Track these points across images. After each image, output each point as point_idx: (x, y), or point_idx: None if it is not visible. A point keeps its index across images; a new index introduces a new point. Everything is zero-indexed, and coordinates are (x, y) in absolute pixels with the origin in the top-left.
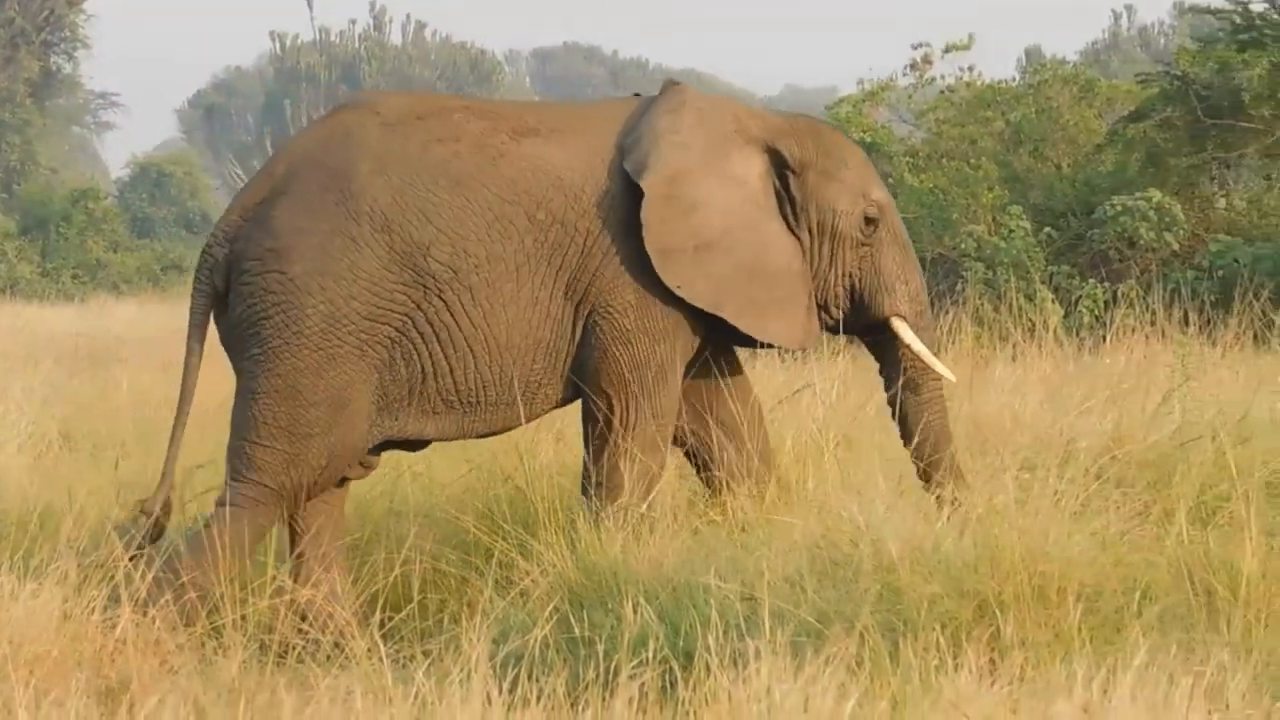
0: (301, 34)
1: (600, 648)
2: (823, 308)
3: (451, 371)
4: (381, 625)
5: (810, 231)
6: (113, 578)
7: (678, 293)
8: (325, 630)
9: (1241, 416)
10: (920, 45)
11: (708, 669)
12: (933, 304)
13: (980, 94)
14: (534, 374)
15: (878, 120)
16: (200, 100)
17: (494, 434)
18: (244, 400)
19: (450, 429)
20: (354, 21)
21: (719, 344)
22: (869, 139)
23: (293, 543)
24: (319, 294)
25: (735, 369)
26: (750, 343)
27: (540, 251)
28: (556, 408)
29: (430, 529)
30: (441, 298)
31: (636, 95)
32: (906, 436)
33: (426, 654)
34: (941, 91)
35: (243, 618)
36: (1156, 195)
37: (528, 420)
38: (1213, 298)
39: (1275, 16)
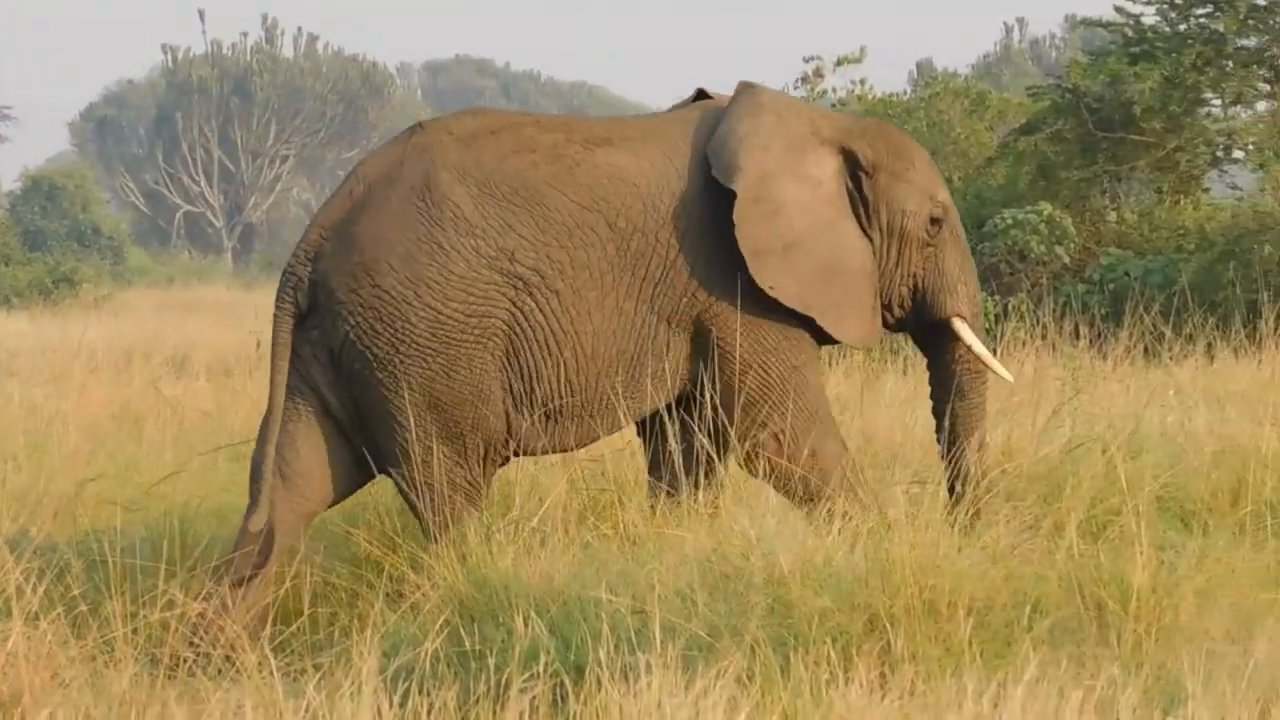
0: (194, 47)
1: (491, 661)
2: (886, 307)
3: (548, 376)
4: (272, 639)
5: (880, 231)
6: (3, 591)
7: (770, 293)
8: (216, 644)
9: (1132, 430)
10: (812, 58)
11: (598, 683)
12: None
13: (871, 107)
14: (616, 386)
15: None
16: (92, 113)
17: (575, 448)
18: (393, 423)
19: (545, 440)
20: (246, 34)
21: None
22: None
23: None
24: (416, 302)
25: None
26: (822, 339)
27: (623, 260)
28: (634, 423)
29: (321, 542)
30: (533, 299)
31: (701, 94)
32: (949, 443)
33: (317, 667)
34: (833, 104)
35: (134, 631)
36: (1047, 208)
37: (605, 435)
38: (1103, 311)
39: (1166, 30)
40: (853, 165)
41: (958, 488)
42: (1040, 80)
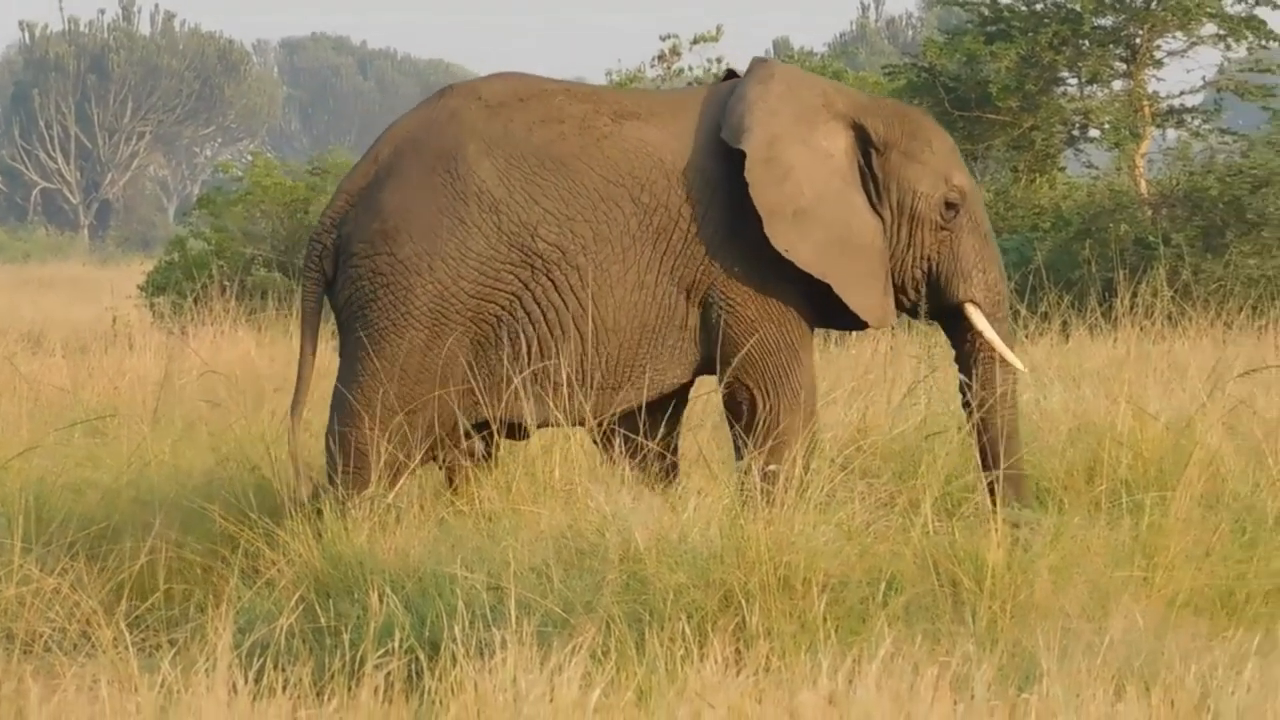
0: (51, 24)
1: (346, 637)
2: (900, 289)
3: (558, 354)
4: (128, 614)
5: (891, 210)
6: None
7: (786, 255)
8: (71, 619)
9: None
10: (668, 37)
11: (454, 659)
12: None
13: None
14: (638, 359)
15: None
16: None
17: (599, 418)
18: (350, 382)
19: (552, 414)
20: (103, 11)
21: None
22: None
23: None
24: (428, 274)
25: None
26: (837, 323)
27: (645, 234)
28: (659, 395)
29: (176, 518)
30: (550, 278)
31: (731, 74)
32: (978, 433)
33: (172, 643)
34: (689, 83)
35: None
36: None
37: (632, 406)
38: None
39: (1023, 9)
40: (864, 141)
41: (998, 489)
42: (896, 59)
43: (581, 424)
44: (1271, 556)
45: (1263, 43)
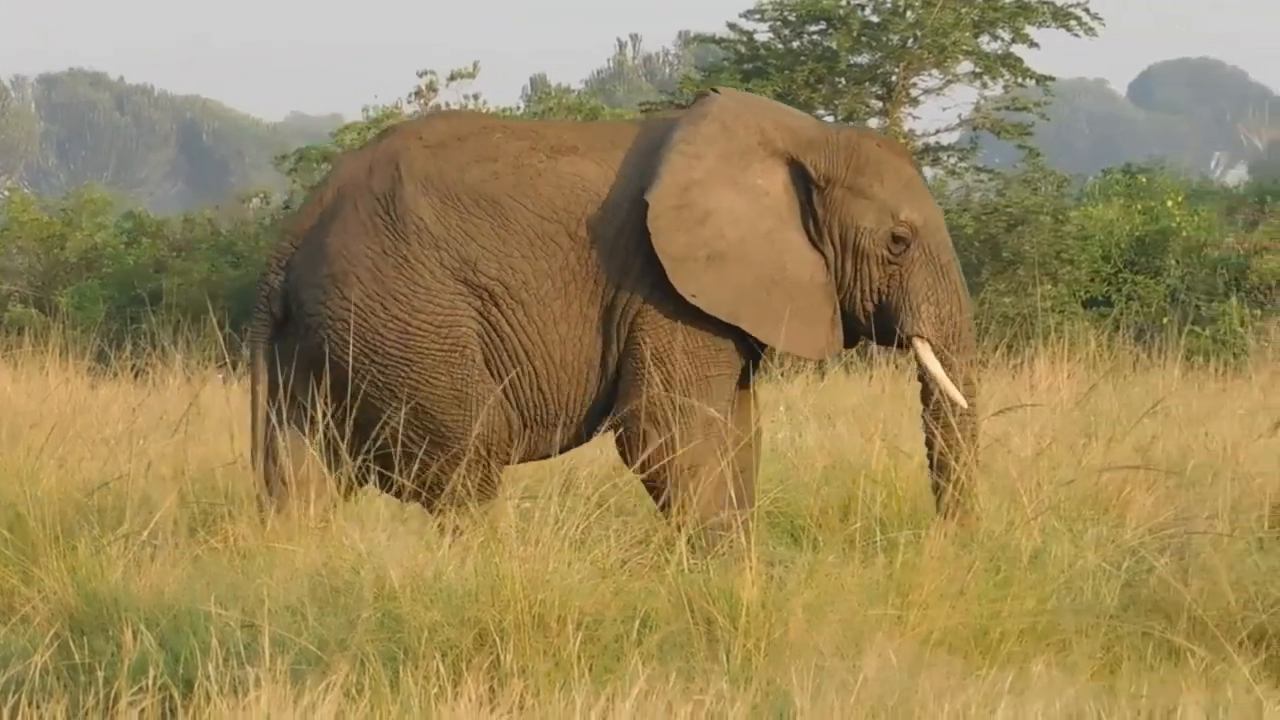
0: None
1: (100, 674)
2: (851, 321)
3: (519, 385)
4: None
5: (834, 246)
6: None
7: (693, 301)
8: None
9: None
10: (426, 73)
11: (207, 696)
12: None
13: None
14: (589, 393)
15: None
16: None
17: (555, 455)
18: (378, 427)
19: (523, 447)
20: None
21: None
22: None
23: None
24: (384, 314)
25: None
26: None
27: (585, 269)
28: (610, 429)
29: None
30: (499, 310)
31: (681, 107)
32: (929, 460)
33: None
34: None
35: None
36: None
37: (584, 441)
38: None
39: (779, 47)
40: (803, 178)
41: (945, 516)
42: (654, 96)
43: (545, 458)
44: (1025, 595)
45: (1019, 80)
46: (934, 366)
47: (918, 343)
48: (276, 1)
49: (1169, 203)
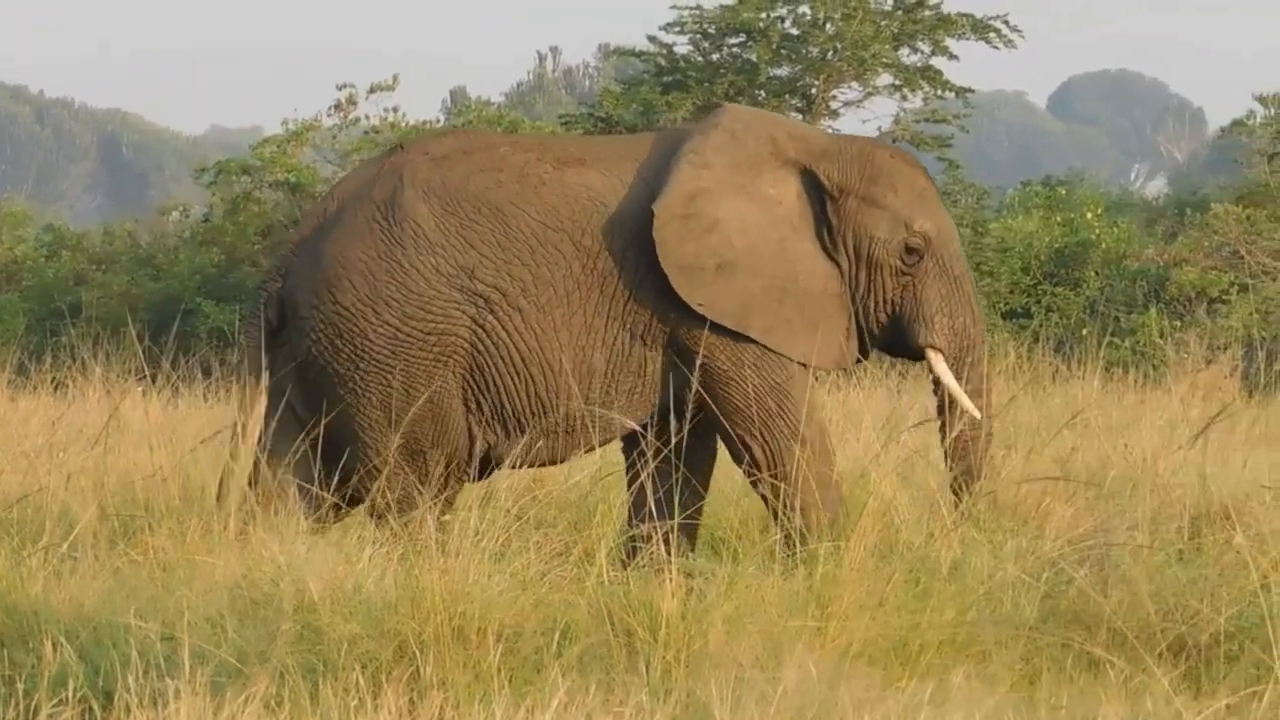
0: None
1: (20, 687)
2: (866, 332)
3: (516, 392)
4: None
5: (848, 256)
6: None
7: (699, 310)
8: None
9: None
10: (345, 86)
11: (127, 709)
12: None
13: (404, 135)
14: (591, 402)
15: (302, 161)
16: None
17: (558, 462)
18: (354, 436)
19: (522, 455)
20: None
21: None
22: (293, 179)
23: None
24: (375, 319)
25: None
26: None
27: (590, 278)
28: (616, 438)
29: None
30: (495, 316)
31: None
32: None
33: None
34: (365, 132)
35: None
36: None
37: (586, 450)
38: None
39: (699, 60)
40: (816, 188)
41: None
42: (574, 109)
43: (545, 465)
44: (944, 607)
45: (938, 93)
46: (947, 378)
47: (931, 354)
48: (192, 14)
49: (1088, 215)
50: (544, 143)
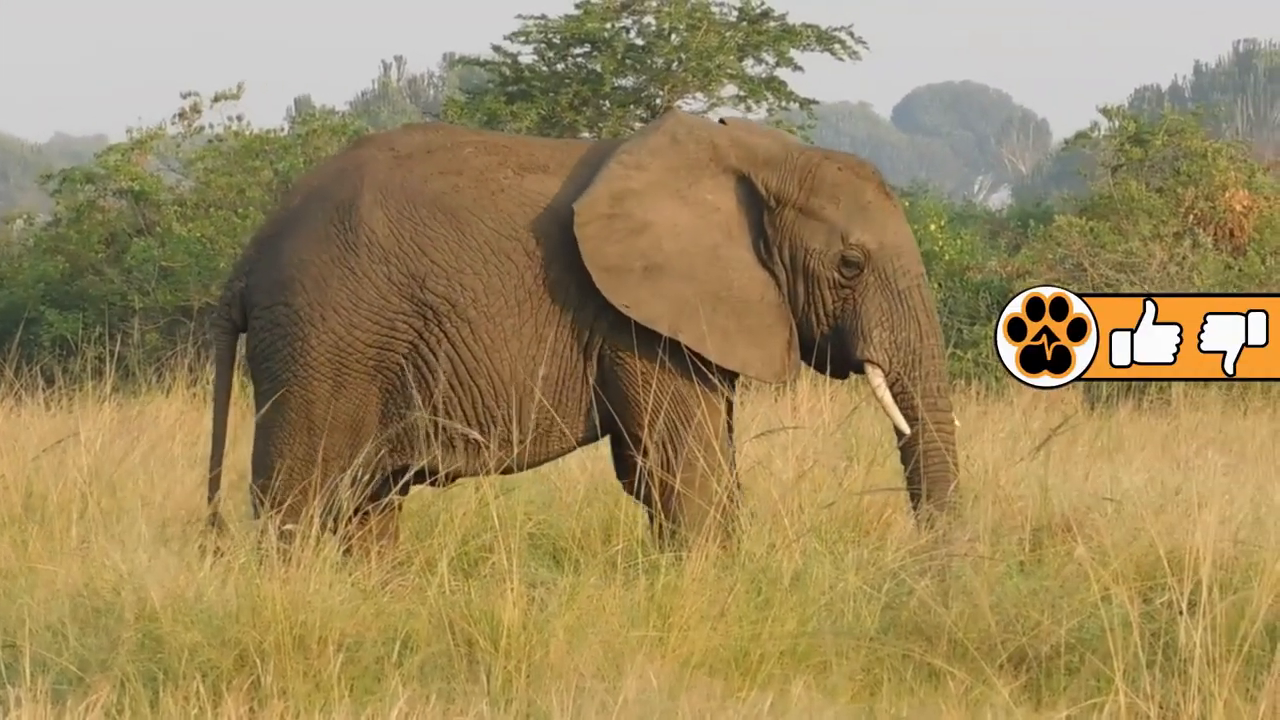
0: None
1: None
2: (808, 344)
3: (460, 404)
4: None
5: (785, 268)
6: None
7: (625, 312)
8: None
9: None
10: (190, 94)
11: None
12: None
13: (248, 144)
14: (541, 412)
15: (147, 169)
16: None
17: (506, 473)
18: (263, 434)
19: (464, 464)
20: None
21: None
22: (137, 188)
23: None
24: (321, 325)
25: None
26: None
27: (541, 287)
28: (574, 448)
29: None
30: (441, 329)
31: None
32: (911, 498)
33: None
34: (210, 140)
35: None
36: None
37: (540, 462)
38: None
39: (544, 69)
40: (754, 196)
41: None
42: (418, 118)
43: (491, 474)
44: (785, 617)
45: (783, 104)
46: (881, 392)
47: (869, 368)
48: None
49: (932, 226)
50: (510, 145)
